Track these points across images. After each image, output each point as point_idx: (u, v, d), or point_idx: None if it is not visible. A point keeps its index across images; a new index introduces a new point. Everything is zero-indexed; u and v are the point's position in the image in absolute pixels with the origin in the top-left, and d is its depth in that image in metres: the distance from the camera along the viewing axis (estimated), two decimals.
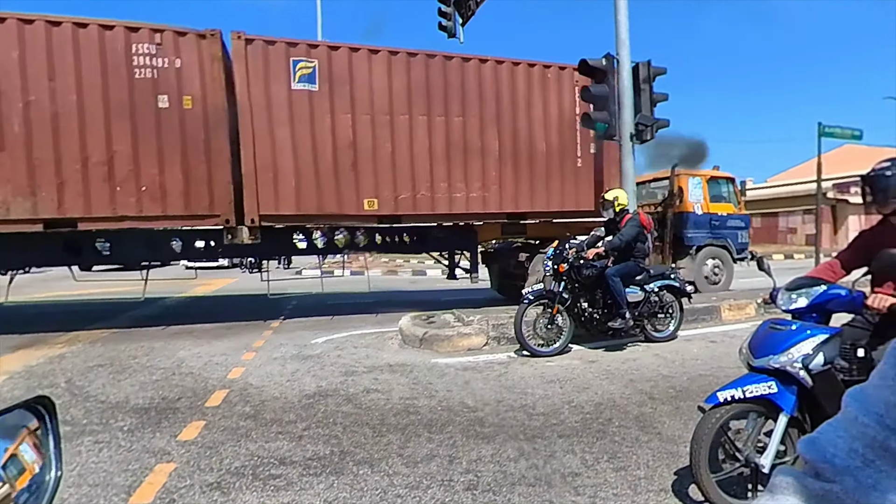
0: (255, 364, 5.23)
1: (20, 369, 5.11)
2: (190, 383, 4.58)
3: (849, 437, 0.44)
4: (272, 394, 4.26)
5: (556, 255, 5.57)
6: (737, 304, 7.24)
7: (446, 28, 10.53)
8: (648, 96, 7.09)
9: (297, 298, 10.83)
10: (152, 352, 5.81)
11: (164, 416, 3.74)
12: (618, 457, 2.94)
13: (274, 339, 6.45)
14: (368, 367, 5.07)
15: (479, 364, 5.13)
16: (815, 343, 2.16)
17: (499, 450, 3.08)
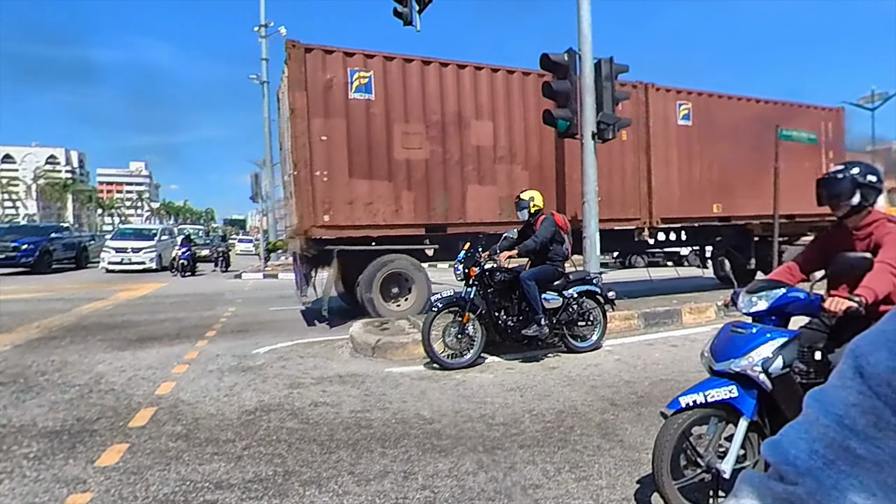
0: (187, 378, 5.03)
1: None
2: (111, 401, 4.34)
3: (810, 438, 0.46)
4: (207, 410, 4.10)
5: (467, 259, 5.51)
6: (697, 307, 7.59)
7: (402, 14, 10.47)
8: (611, 94, 7.32)
9: (237, 304, 10.48)
10: (65, 367, 5.47)
11: (79, 440, 3.52)
12: (580, 466, 3.01)
13: (210, 350, 6.23)
14: (316, 378, 4.97)
15: (435, 373, 5.12)
16: (775, 346, 2.30)
17: (457, 463, 3.08)
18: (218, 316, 8.90)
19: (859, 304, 2.24)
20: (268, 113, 24.26)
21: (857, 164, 2.60)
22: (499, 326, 5.55)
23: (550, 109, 7.21)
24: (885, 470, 0.41)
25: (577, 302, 5.84)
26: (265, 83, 24.06)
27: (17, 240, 18.34)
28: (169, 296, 12.07)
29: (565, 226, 5.91)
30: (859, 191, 2.50)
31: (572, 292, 5.83)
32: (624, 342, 6.26)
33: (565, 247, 5.87)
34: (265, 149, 24.56)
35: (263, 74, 24.13)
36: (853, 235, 2.59)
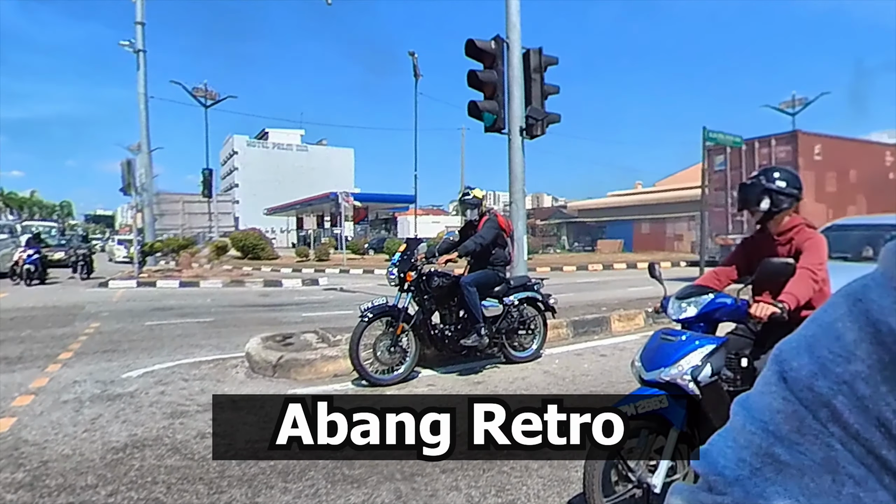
0: (33, 411, 4.60)
1: None
2: None
3: (737, 446, 0.49)
4: (60, 451, 3.76)
5: (402, 262, 5.53)
6: (626, 314, 8.05)
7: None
8: (539, 87, 7.60)
9: (102, 318, 9.72)
10: None
11: None
12: (507, 490, 3.08)
13: (65, 375, 5.74)
14: (203, 404, 4.73)
15: (347, 393, 5.05)
16: (704, 354, 2.49)
17: (371, 494, 3.05)
18: (76, 333, 8.22)
19: (782, 310, 2.49)
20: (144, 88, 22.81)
21: (774, 169, 2.94)
22: (435, 337, 5.57)
23: (476, 101, 7.36)
24: (807, 475, 0.45)
25: (517, 309, 6.00)
26: (141, 52, 22.54)
27: None
28: (8, 310, 10.96)
29: (508, 228, 6.05)
30: (768, 196, 2.82)
31: (513, 299, 5.97)
32: (552, 352, 6.51)
33: (508, 250, 6.01)
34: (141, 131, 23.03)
35: (139, 42, 22.58)
36: (775, 241, 2.89)
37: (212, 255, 21.84)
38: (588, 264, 24.92)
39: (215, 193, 29.44)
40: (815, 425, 0.45)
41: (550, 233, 43.89)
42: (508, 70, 7.41)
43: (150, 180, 22.07)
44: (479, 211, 5.97)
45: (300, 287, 16.60)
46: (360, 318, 5.27)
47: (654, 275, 3.08)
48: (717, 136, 12.50)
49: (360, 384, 5.26)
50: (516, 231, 7.60)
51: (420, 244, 5.85)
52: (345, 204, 26.19)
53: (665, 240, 36.90)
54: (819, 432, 0.45)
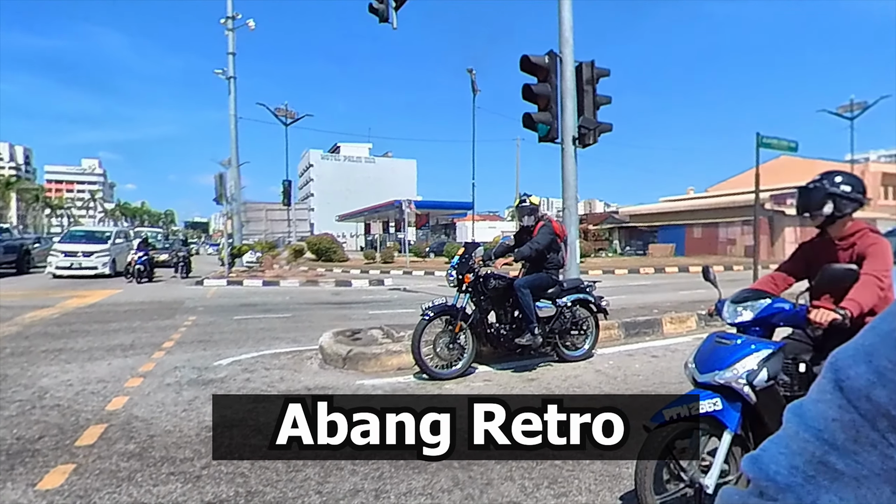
0: (142, 392, 4.89)
1: None
2: (56, 418, 4.19)
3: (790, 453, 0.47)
4: (164, 427, 3.99)
5: (460, 265, 5.52)
6: (678, 316, 7.74)
7: (378, 11, 10.51)
8: (592, 98, 7.46)
9: (198, 313, 10.25)
10: (4, 381, 5.26)
11: (18, 461, 3.38)
12: (558, 482, 3.02)
13: (167, 361, 6.08)
14: (283, 391, 4.91)
15: (409, 385, 5.10)
16: (760, 358, 2.35)
17: (431, 480, 3.06)
18: (177, 325, 8.70)
19: (844, 317, 2.31)
20: (234, 110, 23.99)
21: (836, 173, 2.70)
22: (491, 335, 5.55)
23: (531, 113, 7.31)
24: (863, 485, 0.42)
25: (570, 311, 5.90)
26: (232, 78, 23.76)
27: None
28: (123, 304, 11.74)
29: (562, 233, 5.97)
30: (831, 200, 2.60)
31: (566, 301, 5.87)
32: (604, 352, 6.34)
33: (561, 255, 5.93)
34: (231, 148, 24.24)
35: (230, 69, 23.82)
36: (836, 246, 2.68)
37: (290, 257, 22.65)
38: (640, 268, 24.15)
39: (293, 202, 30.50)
40: (874, 435, 0.42)
41: (602, 237, 42.83)
42: (561, 83, 7.31)
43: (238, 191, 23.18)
44: (534, 217, 5.91)
45: (367, 287, 16.93)
46: (422, 316, 5.31)
47: (708, 278, 2.93)
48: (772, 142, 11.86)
49: (421, 377, 5.30)
50: (569, 236, 7.46)
51: (477, 248, 5.84)
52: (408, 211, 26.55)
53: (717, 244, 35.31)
54: (877, 442, 0.42)
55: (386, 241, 40.88)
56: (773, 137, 11.58)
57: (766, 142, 11.44)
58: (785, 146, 12.01)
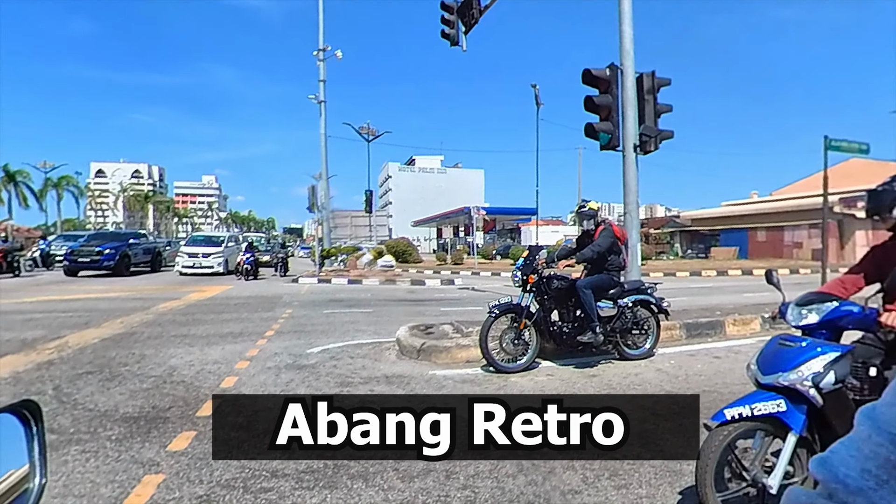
0: (249, 374, 5.20)
1: (6, 375, 5.07)
2: (181, 392, 4.54)
3: (861, 456, 0.43)
4: (265, 404, 4.20)
5: (525, 266, 5.46)
6: (741, 318, 7.23)
7: (449, 36, 10.65)
8: (653, 107, 7.14)
9: (293, 306, 10.77)
10: (143, 359, 5.77)
11: (153, 426, 3.70)
12: (619, 474, 2.91)
13: (268, 348, 6.42)
14: (364, 378, 5.03)
15: (477, 377, 5.09)
16: (827, 361, 2.15)
17: (496, 465, 3.04)
18: (276, 317, 9.16)
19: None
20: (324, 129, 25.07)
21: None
22: (554, 333, 5.46)
23: (592, 123, 7.11)
24: None
25: (631, 311, 5.70)
26: (322, 102, 24.86)
27: (101, 245, 19.56)
28: (233, 298, 12.54)
29: (623, 237, 5.80)
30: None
31: (627, 301, 5.68)
32: (665, 352, 6.03)
33: (622, 257, 5.75)
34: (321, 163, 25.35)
35: (321, 94, 24.96)
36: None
37: (372, 258, 23.30)
38: (701, 270, 22.77)
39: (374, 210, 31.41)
40: None
41: (664, 241, 40.77)
42: (622, 93, 7.05)
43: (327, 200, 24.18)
44: (594, 221, 5.74)
45: (439, 286, 17.09)
46: (489, 313, 5.29)
47: (772, 281, 2.70)
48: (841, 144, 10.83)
49: (487, 370, 5.27)
50: (630, 239, 7.18)
51: (541, 251, 5.76)
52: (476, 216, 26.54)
53: (783, 247, 32.62)
54: None
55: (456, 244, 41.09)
56: (842, 140, 10.57)
57: (834, 144, 10.46)
58: (855, 148, 10.93)
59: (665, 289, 6.92)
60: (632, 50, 7.10)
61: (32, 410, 0.76)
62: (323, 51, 24.74)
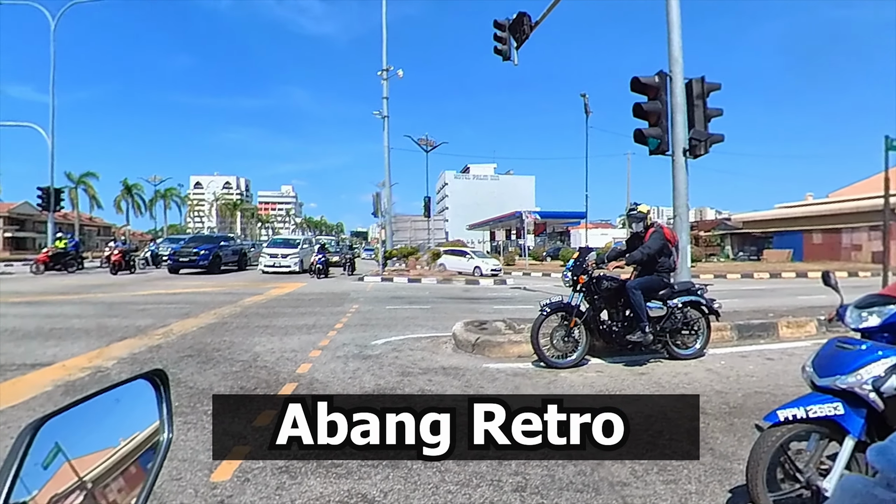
0: (320, 361, 5.38)
1: (126, 355, 5.55)
2: (264, 375, 4.77)
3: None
4: (335, 389, 4.34)
5: (575, 267, 5.32)
6: (796, 321, 6.69)
7: (501, 52, 10.59)
8: (702, 112, 6.77)
9: (360, 302, 11.07)
10: (233, 346, 6.11)
11: (241, 404, 3.91)
12: (668, 470, 2.78)
13: (338, 339, 6.60)
14: (423, 368, 5.08)
15: (528, 371, 5.03)
16: (889, 364, 1.95)
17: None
18: (345, 311, 9.42)
19: None
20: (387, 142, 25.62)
21: None
22: (603, 331, 5.31)
23: (641, 129, 6.84)
24: None
25: (681, 311, 5.43)
26: (385, 117, 25.43)
27: (198, 247, 21.04)
28: (308, 294, 13.05)
29: (673, 239, 5.56)
30: None
31: (677, 302, 5.43)
32: (716, 352, 5.69)
33: (672, 259, 5.51)
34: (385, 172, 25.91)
35: (384, 110, 25.53)
36: None
37: (430, 259, 23.54)
38: (753, 272, 21.29)
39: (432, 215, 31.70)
40: None
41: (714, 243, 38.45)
42: (671, 99, 6.73)
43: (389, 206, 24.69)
44: (643, 224, 5.51)
45: (492, 286, 16.99)
46: (540, 311, 5.21)
47: (830, 283, 2.48)
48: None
49: (538, 365, 5.19)
50: (680, 241, 6.84)
51: (590, 253, 5.60)
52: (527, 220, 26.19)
53: (840, 250, 29.92)
54: None
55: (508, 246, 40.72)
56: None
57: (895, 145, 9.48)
58: None
59: (715, 290, 6.54)
60: (680, 57, 6.77)
61: (162, 378, 0.85)
62: (386, 71, 25.31)
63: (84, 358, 5.39)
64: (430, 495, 2.50)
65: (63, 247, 21.20)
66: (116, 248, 21.04)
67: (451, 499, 2.46)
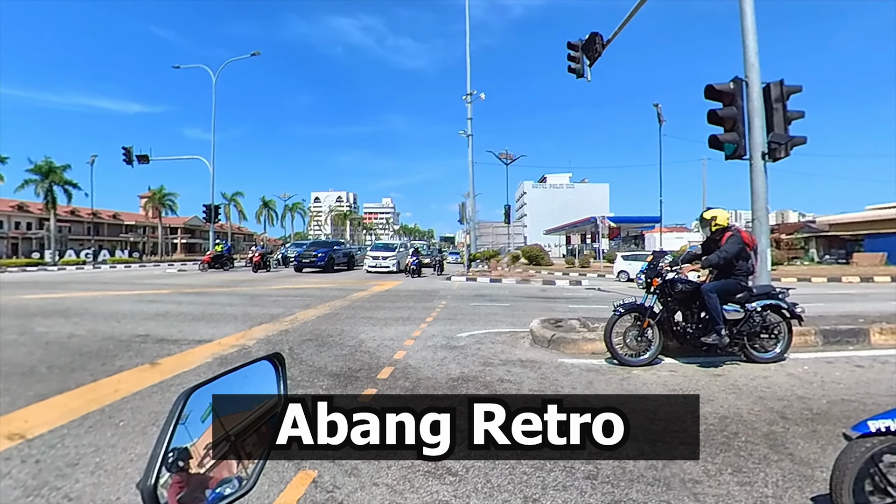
0: (414, 349, 5.53)
1: (262, 337, 6.19)
2: (367, 359, 5.02)
3: None
4: (425, 374, 4.46)
5: (649, 270, 4.94)
6: (890, 327, 5.65)
7: (575, 70, 10.23)
8: (782, 115, 6.00)
9: (447, 299, 11.28)
10: (342, 333, 6.52)
11: (349, 382, 4.18)
12: (743, 471, 2.50)
13: (428, 331, 6.75)
14: (503, 360, 5.05)
15: (601, 367, 4.79)
16: None
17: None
18: (434, 307, 9.61)
19: None
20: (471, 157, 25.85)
21: None
22: (677, 332, 4.92)
23: (716, 135, 6.23)
24: None
25: (760, 315, 4.88)
26: (469, 136, 25.67)
27: (316, 250, 22.93)
28: (404, 291, 13.53)
29: (752, 243, 5.01)
30: None
31: (755, 305, 4.88)
32: (798, 357, 5.00)
33: (750, 262, 4.97)
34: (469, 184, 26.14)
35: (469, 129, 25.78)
36: None
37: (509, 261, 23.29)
38: (841, 276, 18.30)
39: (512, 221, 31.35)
40: None
41: (797, 246, 33.60)
42: (748, 104, 6.03)
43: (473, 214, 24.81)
44: (709, 229, 5.02)
45: (568, 286, 16.39)
46: (614, 311, 4.95)
47: None
48: None
49: (611, 362, 4.91)
50: (759, 245, 6.10)
51: (665, 256, 5.20)
52: (601, 225, 24.86)
53: None
54: None
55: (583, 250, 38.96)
56: None
57: None
58: None
59: (798, 294, 5.73)
60: (757, 62, 6.05)
61: (280, 359, 0.98)
62: (470, 95, 25.58)
63: (233, 337, 6.11)
64: (506, 474, 2.49)
65: (220, 250, 24.42)
66: (257, 251, 23.72)
67: (527, 480, 2.43)
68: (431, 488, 2.34)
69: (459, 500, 2.23)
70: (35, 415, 3.32)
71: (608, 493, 2.30)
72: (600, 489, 2.33)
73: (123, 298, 10.69)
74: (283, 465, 2.52)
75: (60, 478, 2.42)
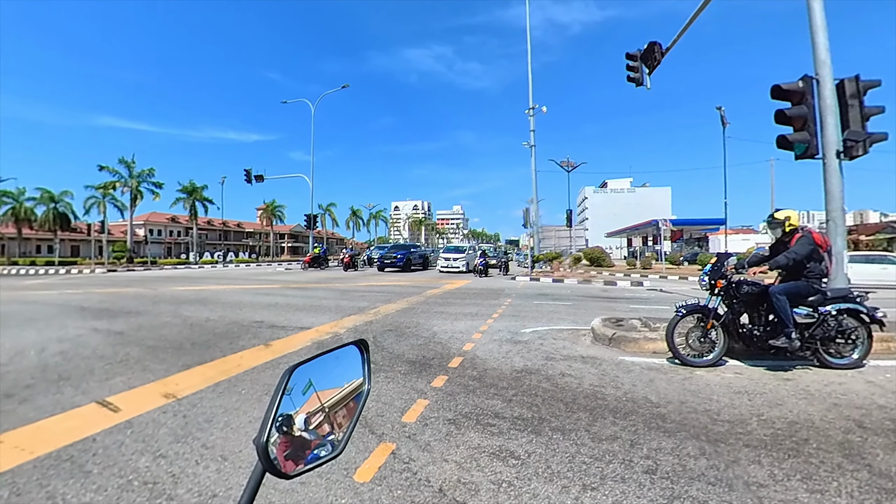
0: (481, 342, 5.56)
1: (351, 326, 6.62)
2: (439, 349, 5.14)
3: None
4: (491, 365, 4.47)
5: (713, 271, 4.49)
6: None
7: (634, 79, 9.64)
8: (858, 111, 5.16)
9: (512, 297, 11.18)
10: (418, 325, 6.71)
11: (423, 369, 4.33)
12: (813, 479, 2.23)
13: (494, 326, 6.72)
14: (564, 355, 4.92)
15: (663, 366, 4.48)
16: None
17: (679, 445, 2.66)
18: (500, 304, 9.53)
19: None
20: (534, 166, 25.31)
21: None
22: (743, 335, 4.47)
23: (785, 135, 5.52)
24: None
25: (835, 319, 4.29)
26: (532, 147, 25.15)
27: (396, 252, 23.95)
28: (472, 289, 13.56)
29: (824, 244, 4.42)
30: None
31: (830, 309, 4.30)
32: (880, 364, 4.29)
33: (824, 264, 4.38)
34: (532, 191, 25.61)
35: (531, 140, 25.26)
36: None
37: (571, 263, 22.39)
38: None
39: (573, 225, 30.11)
40: None
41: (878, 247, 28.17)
42: (819, 102, 5.27)
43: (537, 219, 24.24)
44: (782, 229, 4.47)
45: (629, 287, 15.36)
46: (676, 312, 4.60)
47: None
48: None
49: (673, 361, 4.58)
50: (834, 246, 5.30)
51: (730, 258, 4.72)
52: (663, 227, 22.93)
53: None
54: None
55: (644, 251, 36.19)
56: None
57: None
58: None
59: (881, 298, 4.88)
60: (828, 59, 5.26)
61: (365, 345, 1.05)
62: (532, 108, 25.05)
63: (328, 326, 6.62)
64: (566, 462, 2.46)
65: (318, 252, 26.59)
66: (347, 253, 25.46)
67: (586, 469, 2.39)
68: (496, 468, 2.39)
69: (521, 482, 2.26)
70: (183, 380, 3.91)
71: (667, 488, 2.18)
72: (659, 484, 2.22)
73: (244, 291, 12.04)
74: (368, 437, 2.73)
75: (200, 430, 2.85)
